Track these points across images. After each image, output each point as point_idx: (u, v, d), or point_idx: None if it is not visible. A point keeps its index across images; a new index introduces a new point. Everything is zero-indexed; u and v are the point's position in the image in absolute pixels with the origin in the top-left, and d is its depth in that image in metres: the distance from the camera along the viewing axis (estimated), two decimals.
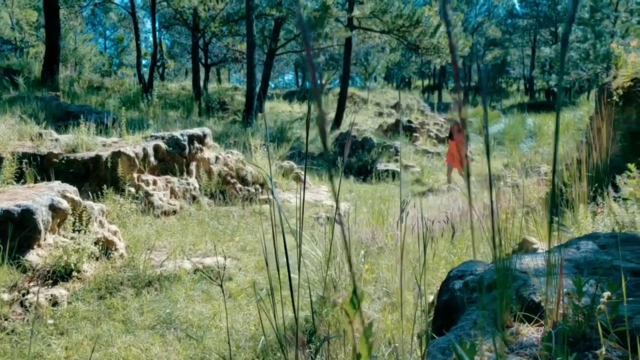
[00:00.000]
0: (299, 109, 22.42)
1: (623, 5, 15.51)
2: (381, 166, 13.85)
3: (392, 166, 13.95)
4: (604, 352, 1.16)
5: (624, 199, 4.54)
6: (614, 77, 6.63)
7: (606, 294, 1.30)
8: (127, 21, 23.37)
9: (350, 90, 26.65)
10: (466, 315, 1.64)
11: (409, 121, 17.70)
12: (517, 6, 38.37)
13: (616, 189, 5.06)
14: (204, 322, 4.23)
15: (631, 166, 4.50)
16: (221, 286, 1.58)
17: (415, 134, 17.00)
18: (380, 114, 22.58)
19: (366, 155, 14.45)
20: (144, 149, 7.24)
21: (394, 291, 4.30)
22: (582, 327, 1.36)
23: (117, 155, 6.85)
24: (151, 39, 17.86)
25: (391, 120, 18.59)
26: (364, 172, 13.72)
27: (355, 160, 14.31)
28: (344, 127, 17.75)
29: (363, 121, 19.60)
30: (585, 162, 6.47)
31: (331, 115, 19.72)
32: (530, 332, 1.52)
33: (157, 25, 20.41)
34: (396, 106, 24.65)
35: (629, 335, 1.24)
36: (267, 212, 7.57)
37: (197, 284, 5.06)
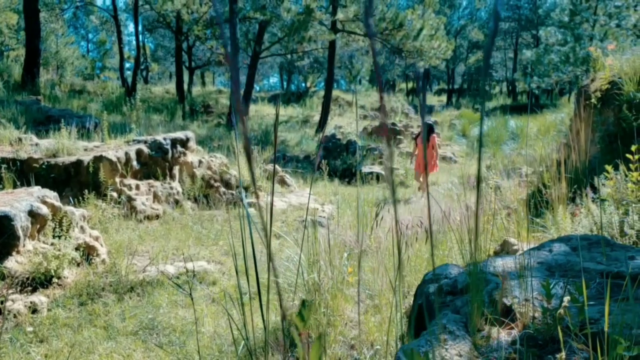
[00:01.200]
0: (283, 112, 22.41)
1: (602, 9, 15.78)
2: (365, 169, 13.88)
3: (377, 168, 14.00)
4: (563, 357, 1.17)
5: (602, 200, 4.62)
6: (592, 80, 6.74)
7: (566, 298, 1.32)
8: (110, 24, 23.18)
9: (336, 93, 26.71)
10: (437, 320, 1.65)
11: (393, 124, 17.79)
12: (499, 9, 38.78)
13: (595, 190, 5.13)
14: (187, 328, 4.20)
15: (608, 168, 4.58)
16: (190, 295, 1.57)
17: (399, 137, 17.09)
18: (365, 117, 22.67)
19: (351, 157, 14.49)
20: (127, 153, 7.18)
21: (377, 293, 4.32)
22: (551, 330, 1.38)
23: (98, 159, 6.78)
24: (134, 42, 17.70)
25: (375, 123, 18.67)
26: (348, 174, 13.75)
27: (339, 162, 14.33)
28: (329, 129, 17.78)
29: (348, 124, 19.65)
30: (564, 163, 6.57)
31: (316, 118, 19.76)
32: (501, 336, 1.52)
33: (140, 28, 20.28)
34: (380, 109, 24.76)
35: (596, 337, 1.26)
36: (251, 216, 7.54)
37: (180, 288, 5.03)
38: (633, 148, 4.24)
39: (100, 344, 3.86)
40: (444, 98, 41.05)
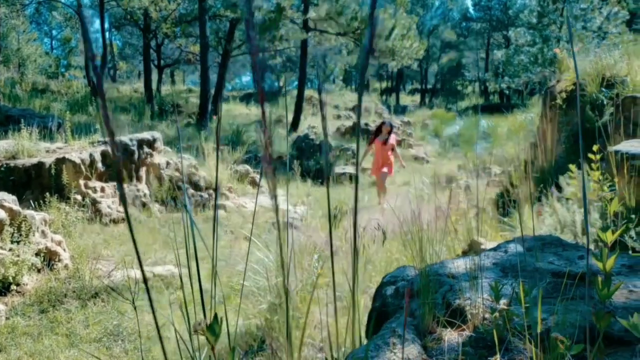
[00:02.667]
0: (256, 111, 22.23)
1: (568, 11, 16.14)
2: (339, 169, 13.88)
3: (350, 169, 14.01)
4: (498, 359, 1.17)
5: (567, 199, 4.69)
6: (558, 81, 6.86)
7: (502, 301, 1.33)
8: (74, 20, 22.57)
9: (309, 92, 26.65)
10: (389, 323, 1.64)
11: (366, 124, 17.83)
12: (471, 10, 39.38)
13: (560, 189, 5.21)
14: (153, 333, 4.10)
15: (572, 167, 4.65)
16: (150, 301, 1.51)
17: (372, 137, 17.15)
18: (339, 117, 22.68)
19: (324, 158, 14.45)
20: (91, 155, 6.99)
21: (346, 295, 4.29)
22: (499, 331, 1.38)
23: (61, 161, 6.58)
24: (101, 39, 17.29)
25: (349, 123, 18.68)
26: (321, 175, 13.72)
27: (312, 163, 14.29)
28: (302, 129, 17.71)
29: (321, 124, 19.62)
30: (532, 163, 6.67)
31: (289, 117, 19.66)
32: (452, 337, 1.52)
33: (106, 25, 19.82)
34: (354, 109, 24.81)
35: (543, 337, 1.26)
36: (221, 218, 7.44)
37: (146, 293, 4.91)
38: (594, 148, 4.31)
39: (61, 352, 3.75)
40: (417, 98, 41.44)
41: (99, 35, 18.81)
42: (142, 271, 0.55)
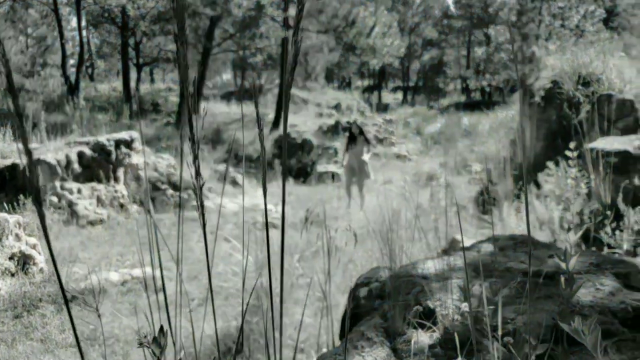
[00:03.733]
0: (237, 109, 22.10)
1: (547, 10, 16.35)
2: (321, 167, 13.86)
3: (332, 167, 14.00)
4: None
5: (545, 196, 4.74)
6: (536, 79, 6.93)
7: (464, 304, 1.34)
8: (51, 18, 22.13)
9: (291, 90, 26.51)
10: (358, 327, 1.64)
11: (348, 122, 17.84)
12: (452, 7, 39.63)
13: (538, 186, 5.26)
14: (131, 337, 4.05)
15: (550, 164, 4.70)
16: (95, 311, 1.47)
17: None
18: (321, 115, 22.64)
19: (306, 156, 14.44)
20: (67, 156, 6.87)
21: (327, 295, 4.27)
22: (469, 331, 1.39)
23: (36, 162, 6.44)
24: (78, 37, 17.03)
25: (331, 122, 18.66)
26: (303, 174, 13.68)
27: (294, 162, 14.26)
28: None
29: (303, 122, 19.56)
30: (511, 160, 6.73)
31: (270, 116, 19.56)
32: (422, 339, 1.53)
33: (83, 23, 19.51)
34: (337, 107, 24.81)
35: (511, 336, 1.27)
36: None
37: (125, 296, 4.87)
38: (571, 145, 4.35)
39: (36, 358, 3.67)
40: (399, 95, 41.59)
41: (76, 33, 18.50)
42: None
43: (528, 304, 1.51)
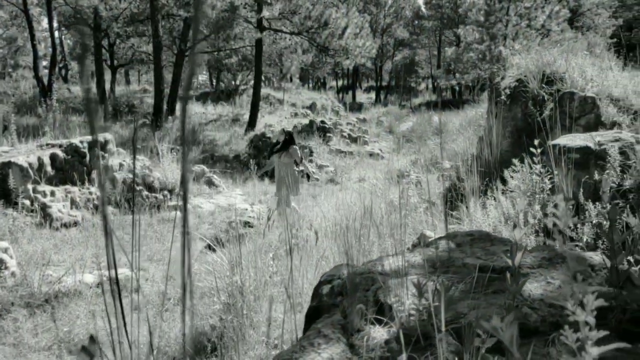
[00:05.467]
0: (213, 110, 22.00)
1: (514, 10, 16.72)
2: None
3: (307, 167, 14.07)
4: (405, 359, 1.24)
5: (510, 191, 4.91)
6: (502, 78, 7.13)
7: (408, 301, 1.40)
8: (21, 19, 21.65)
9: (267, 91, 26.54)
10: (316, 324, 1.67)
11: (323, 121, 17.94)
12: (423, 8, 40.06)
13: (504, 182, 5.42)
14: (106, 339, 4.06)
15: (515, 161, 4.87)
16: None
17: (328, 134, 17.27)
18: (296, 115, 22.71)
19: None
20: (39, 158, 6.81)
21: (299, 292, 4.36)
22: (424, 326, 1.44)
23: (7, 165, 6.38)
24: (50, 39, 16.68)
25: (306, 121, 18.75)
26: None
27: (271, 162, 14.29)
28: (259, 128, 17.66)
29: (278, 122, 19.61)
30: (479, 157, 6.92)
31: (246, 116, 19.54)
32: (379, 335, 1.55)
33: (55, 24, 19.15)
34: (311, 106, 24.90)
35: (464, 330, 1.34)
36: (176, 220, 7.38)
37: (100, 298, 4.86)
38: (536, 142, 4.52)
39: None
40: (373, 95, 41.90)
41: (48, 34, 18.14)
42: None
43: (479, 299, 1.61)
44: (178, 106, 16.98)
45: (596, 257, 1.91)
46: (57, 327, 4.16)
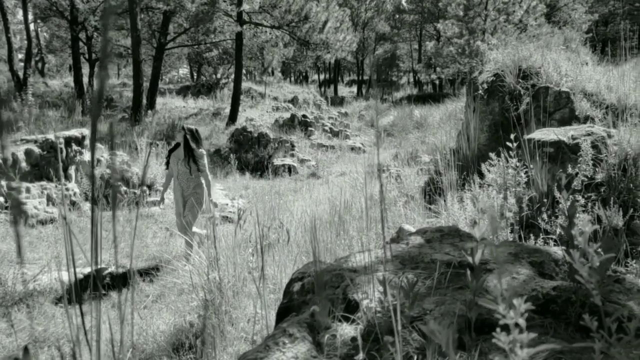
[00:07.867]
0: (193, 104, 21.82)
1: (492, 4, 16.87)
2: (278, 161, 13.92)
3: (289, 161, 14.08)
4: (362, 357, 1.25)
5: (488, 185, 4.98)
6: (480, 73, 7.20)
7: (375, 298, 1.40)
8: None
9: (248, 84, 26.40)
10: (282, 323, 1.66)
11: (304, 116, 17.92)
12: (403, 2, 40.16)
13: (482, 176, 5.49)
14: (82, 337, 4.02)
15: (492, 155, 4.94)
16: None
17: (310, 128, 17.27)
18: (277, 108, 22.64)
19: (262, 150, 14.45)
20: (13, 154, 6.70)
21: (278, 287, 4.37)
22: (389, 323, 1.45)
23: None
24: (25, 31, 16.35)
25: (287, 115, 18.71)
26: (260, 167, 13.71)
27: (251, 156, 14.24)
28: (240, 122, 17.57)
29: (259, 116, 19.53)
30: (457, 151, 6.99)
31: (227, 110, 19.43)
32: (347, 332, 1.55)
33: (30, 16, 18.75)
34: (293, 100, 24.83)
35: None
36: (155, 215, 7.33)
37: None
38: (512, 136, 4.58)
39: None
40: (355, 89, 41.97)
41: (23, 26, 17.75)
42: None
43: (446, 295, 1.63)
44: (158, 100, 16.81)
45: (560, 251, 1.95)
46: (33, 327, 4.11)
